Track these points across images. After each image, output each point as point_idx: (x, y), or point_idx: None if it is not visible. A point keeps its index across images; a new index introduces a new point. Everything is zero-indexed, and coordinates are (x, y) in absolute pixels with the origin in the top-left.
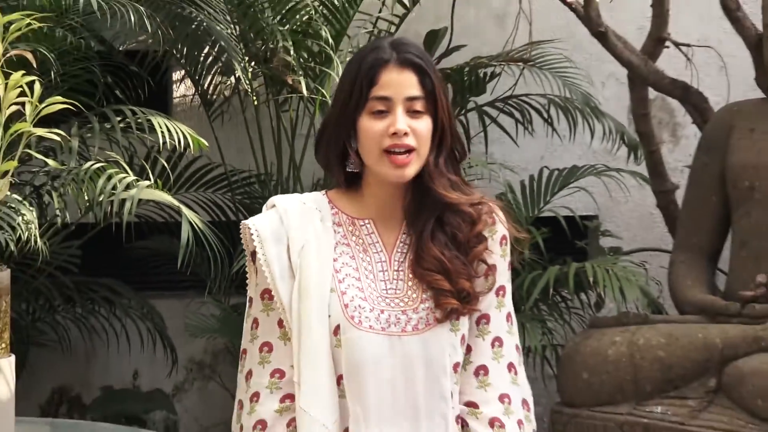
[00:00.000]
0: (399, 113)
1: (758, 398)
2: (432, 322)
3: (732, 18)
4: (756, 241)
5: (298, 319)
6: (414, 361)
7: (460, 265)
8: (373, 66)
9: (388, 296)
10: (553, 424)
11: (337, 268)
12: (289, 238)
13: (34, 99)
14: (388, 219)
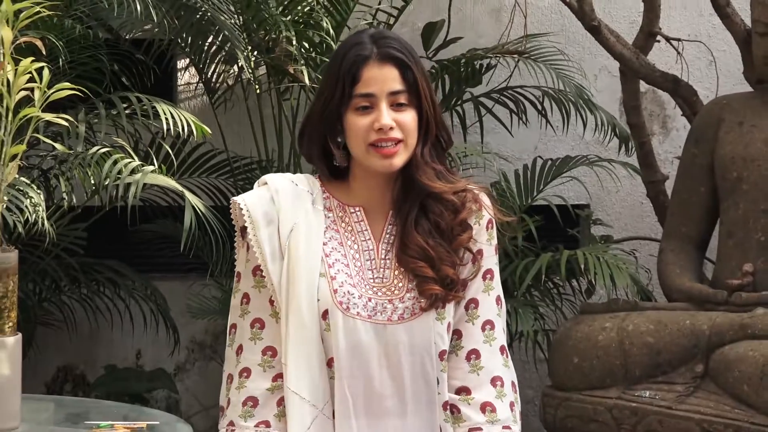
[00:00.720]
0: (383, 108)
1: (744, 384)
2: (418, 312)
3: (721, 14)
4: (743, 232)
5: (287, 301)
6: (400, 349)
7: (443, 253)
8: (354, 63)
9: (375, 285)
10: (544, 407)
11: (326, 252)
12: (279, 219)
13: (42, 85)
14: (377, 208)
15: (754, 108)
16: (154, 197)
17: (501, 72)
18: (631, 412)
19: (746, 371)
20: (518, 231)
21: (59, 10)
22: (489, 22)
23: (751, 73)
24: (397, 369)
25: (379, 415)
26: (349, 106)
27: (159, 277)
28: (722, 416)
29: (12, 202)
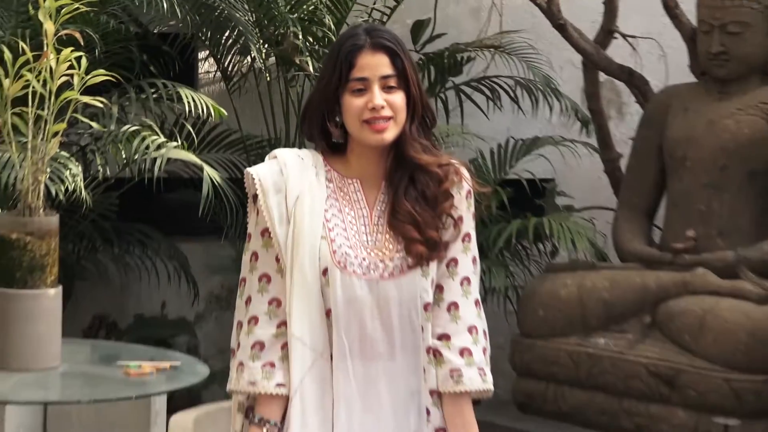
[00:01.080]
0: (376, 90)
1: (685, 333)
2: (405, 269)
3: (671, 14)
4: (686, 203)
5: (292, 260)
6: (390, 302)
7: (428, 218)
8: (350, 51)
9: (368, 246)
10: (513, 352)
11: (327, 218)
12: (287, 188)
13: (80, 71)
14: (371, 180)
15: (698, 96)
16: (177, 170)
17: (479, 64)
18: (588, 356)
19: (687, 322)
20: (492, 201)
21: (96, 7)
22: (469, 21)
23: (696, 66)
24: (388, 318)
25: (371, 357)
26: (346, 89)
27: (181, 238)
28: (666, 360)
29: (54, 173)
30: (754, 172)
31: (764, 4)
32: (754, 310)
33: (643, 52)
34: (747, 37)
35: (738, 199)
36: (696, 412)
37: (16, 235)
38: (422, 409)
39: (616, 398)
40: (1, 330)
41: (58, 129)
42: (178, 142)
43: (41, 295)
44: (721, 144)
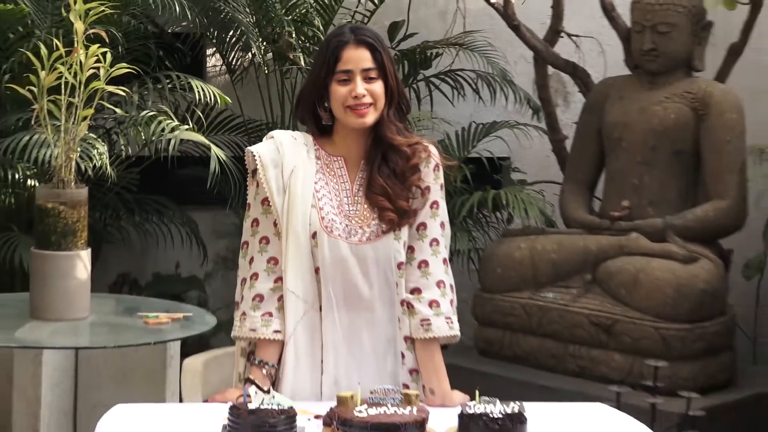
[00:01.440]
0: (358, 81)
1: (621, 288)
2: (380, 234)
3: (609, 17)
4: (622, 177)
5: (287, 225)
6: (368, 261)
7: (398, 190)
8: (337, 46)
9: (350, 214)
10: (474, 305)
11: (317, 189)
12: (283, 163)
13: (106, 65)
14: (353, 157)
15: (632, 86)
16: (189, 149)
17: (446, 59)
18: (539, 308)
19: (623, 279)
20: (457, 175)
21: (119, 9)
22: (437, 22)
23: (630, 61)
24: (367, 275)
25: (354, 308)
26: (333, 79)
27: (192, 208)
28: (605, 312)
29: (84, 152)
30: (679, 151)
31: (688, 8)
32: (680, 268)
33: (585, 49)
34: (674, 36)
35: (666, 175)
36: (631, 355)
37: (51, 204)
38: (398, 354)
39: (562, 344)
40: (38, 286)
41: (86, 114)
42: (190, 126)
43: (73, 256)
44: (651, 127)
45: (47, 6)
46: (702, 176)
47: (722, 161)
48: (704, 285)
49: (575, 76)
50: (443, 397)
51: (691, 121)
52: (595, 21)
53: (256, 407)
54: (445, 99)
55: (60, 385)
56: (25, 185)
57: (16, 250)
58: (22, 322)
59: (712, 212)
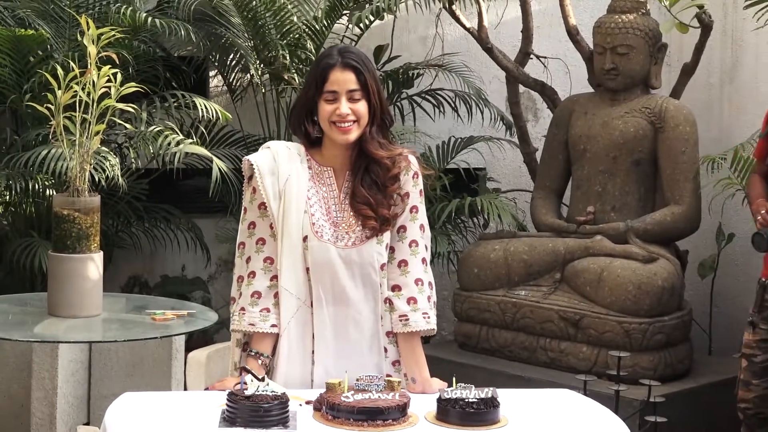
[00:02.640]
0: (343, 101)
1: (587, 286)
2: (364, 239)
3: (573, 40)
4: (587, 185)
5: (282, 228)
6: (354, 264)
7: (380, 199)
8: (324, 68)
9: (337, 221)
10: (454, 302)
11: (309, 196)
12: (279, 171)
13: (116, 84)
14: (340, 168)
15: (595, 103)
16: (193, 162)
17: (426, 79)
18: (512, 305)
19: (588, 278)
20: (437, 184)
21: (129, 34)
22: (418, 46)
23: (593, 80)
24: (353, 277)
25: (341, 306)
26: (321, 97)
27: (197, 215)
28: (572, 307)
29: (98, 164)
30: (639, 161)
31: (645, 31)
32: (641, 267)
33: (553, 69)
34: (632, 57)
35: (626, 182)
36: (596, 347)
37: (66, 211)
38: (381, 348)
39: (534, 337)
40: (55, 286)
41: (99, 129)
42: (194, 140)
43: (86, 258)
44: (612, 139)
45: (65, 31)
46: (659, 183)
47: (678, 170)
48: (663, 282)
49: (544, 94)
50: (423, 384)
51: (649, 133)
52: (561, 44)
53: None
54: (426, 115)
55: (75, 375)
56: (44, 195)
57: (36, 254)
58: (40, 319)
59: (669, 216)
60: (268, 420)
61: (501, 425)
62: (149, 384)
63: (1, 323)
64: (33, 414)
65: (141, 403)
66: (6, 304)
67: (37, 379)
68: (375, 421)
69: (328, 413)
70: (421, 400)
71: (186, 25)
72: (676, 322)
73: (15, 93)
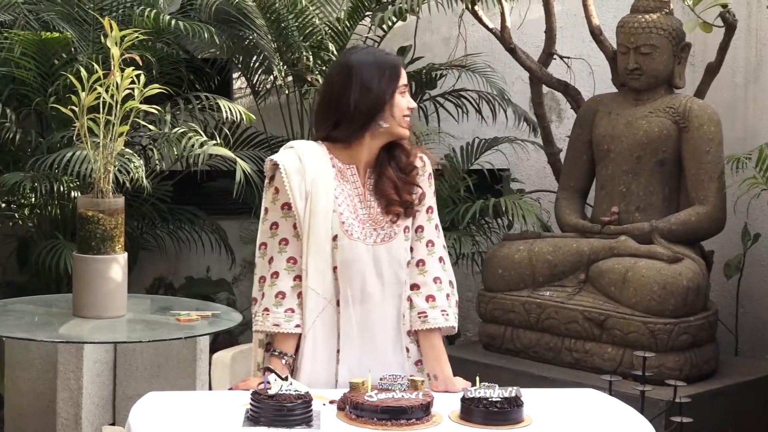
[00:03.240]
0: (407, 95)
1: (611, 286)
2: (393, 236)
3: (597, 40)
4: (611, 185)
5: (308, 228)
6: (382, 260)
7: (403, 184)
8: (394, 65)
9: (363, 218)
10: (478, 303)
11: (336, 195)
12: (305, 171)
13: (140, 86)
14: (363, 166)
15: (619, 103)
16: (217, 163)
17: (449, 80)
18: (537, 305)
19: (613, 278)
20: (461, 185)
21: (152, 36)
22: (441, 46)
23: (617, 79)
24: (381, 274)
25: (367, 303)
26: (396, 92)
27: (221, 217)
28: (597, 308)
29: (122, 166)
30: (663, 161)
31: (669, 31)
32: (665, 267)
33: (576, 69)
34: (656, 57)
35: (651, 182)
36: (621, 347)
37: (91, 212)
38: (403, 347)
39: (559, 338)
40: (80, 287)
41: (122, 130)
42: (217, 141)
43: (111, 259)
44: (636, 139)
45: (89, 33)
46: (684, 183)
47: (702, 170)
48: (688, 283)
49: (567, 94)
50: (445, 382)
51: (673, 133)
52: (584, 44)
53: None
54: (450, 116)
55: (100, 376)
56: (68, 197)
57: (61, 256)
58: (65, 320)
59: (694, 216)
60: (292, 419)
61: (525, 424)
62: (174, 385)
63: (26, 324)
64: (59, 414)
65: (165, 403)
66: (32, 306)
67: (62, 380)
68: (398, 420)
69: (352, 412)
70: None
71: (209, 27)
72: (702, 322)
73: (40, 96)
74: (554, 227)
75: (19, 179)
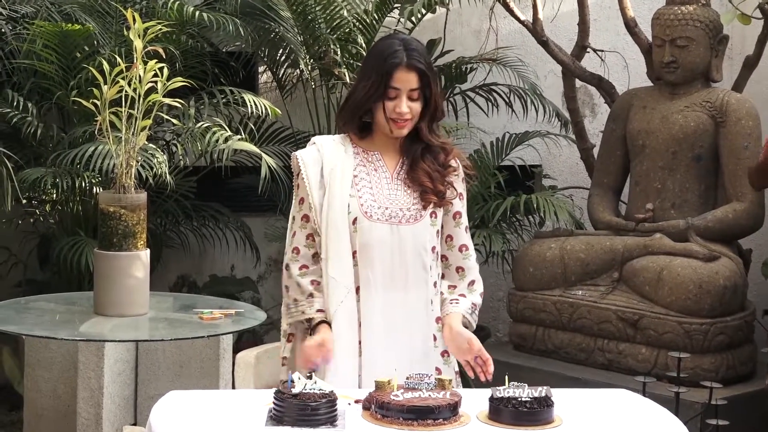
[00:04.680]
0: (403, 100)
1: (646, 285)
2: (419, 218)
3: (632, 33)
4: (646, 181)
5: (326, 218)
6: (406, 243)
7: (437, 175)
8: (391, 67)
9: (390, 198)
10: (509, 302)
11: (356, 181)
12: (323, 162)
13: (163, 79)
14: (390, 152)
15: (654, 97)
16: (242, 159)
17: (480, 73)
18: (569, 305)
19: (647, 276)
20: (491, 182)
21: (176, 29)
22: (472, 39)
23: (652, 73)
24: (403, 257)
25: (390, 289)
26: (384, 92)
27: (246, 214)
28: (631, 307)
29: (145, 161)
30: (699, 156)
31: (705, 23)
32: (701, 266)
33: (610, 63)
34: (692, 49)
35: (687, 178)
36: (656, 348)
37: (113, 208)
38: (430, 335)
39: (591, 338)
40: (101, 284)
41: (145, 124)
42: (243, 137)
43: (133, 256)
44: (672, 134)
45: (111, 26)
46: (721, 180)
47: (740, 166)
48: (725, 282)
49: (601, 88)
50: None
51: (710, 128)
52: (618, 37)
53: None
54: (480, 111)
55: (121, 375)
56: (90, 193)
57: (83, 253)
58: (86, 318)
59: (731, 213)
60: (316, 419)
61: (555, 425)
62: (197, 384)
63: (47, 322)
64: (79, 414)
65: (187, 402)
66: (52, 304)
67: (83, 379)
68: (425, 420)
69: (378, 412)
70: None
71: (234, 20)
72: (739, 322)
73: (62, 89)
74: (587, 225)
75: (40, 175)
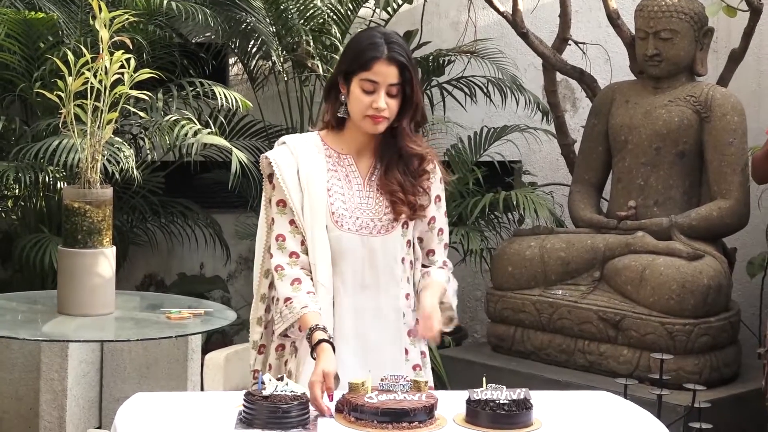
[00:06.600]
0: (382, 95)
1: (628, 285)
2: (390, 229)
3: (614, 25)
4: (628, 178)
5: (311, 221)
6: (376, 253)
7: (409, 186)
8: (370, 58)
9: (361, 207)
10: (488, 302)
11: (328, 186)
12: (298, 165)
13: (130, 70)
14: (363, 154)
15: (637, 91)
16: (212, 154)
17: (458, 66)
18: (549, 305)
19: (629, 276)
20: (469, 178)
21: (144, 18)
22: (449, 31)
23: (635, 66)
24: (374, 265)
25: (360, 296)
26: (358, 84)
27: (216, 210)
28: (612, 308)
29: (111, 156)
30: (683, 152)
31: (690, 15)
32: (685, 265)
33: (592, 56)
34: (676, 42)
35: (670, 175)
36: (638, 349)
37: (77, 204)
38: (402, 348)
39: (572, 339)
40: (65, 282)
41: (111, 117)
42: (212, 130)
43: (98, 254)
44: (655, 130)
45: (76, 15)
46: (705, 177)
47: (725, 162)
48: (709, 281)
49: (582, 82)
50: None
51: (695, 123)
52: (600, 29)
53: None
54: (457, 104)
55: (86, 377)
56: (54, 188)
57: (46, 250)
58: (50, 317)
59: (715, 211)
60: (287, 421)
61: (534, 428)
62: (164, 386)
63: (8, 322)
64: (42, 417)
65: (153, 404)
66: (14, 303)
67: (46, 381)
68: (400, 423)
69: (351, 415)
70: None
71: (204, 9)
72: (723, 323)
73: (25, 81)
74: (568, 222)
75: (2, 169)
